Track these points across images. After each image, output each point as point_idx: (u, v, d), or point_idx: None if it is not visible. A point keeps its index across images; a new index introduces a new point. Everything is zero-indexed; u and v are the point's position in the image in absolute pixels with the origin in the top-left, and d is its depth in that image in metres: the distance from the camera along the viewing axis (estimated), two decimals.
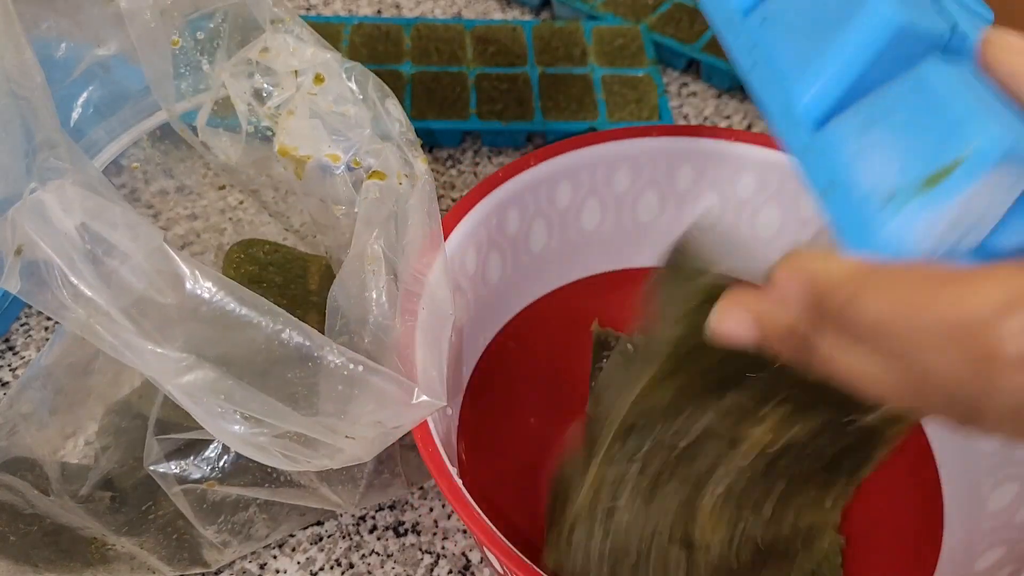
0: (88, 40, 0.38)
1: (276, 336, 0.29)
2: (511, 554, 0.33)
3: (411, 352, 0.35)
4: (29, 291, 0.27)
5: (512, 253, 0.47)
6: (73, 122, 0.41)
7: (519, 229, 0.47)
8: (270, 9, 0.36)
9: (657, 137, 0.48)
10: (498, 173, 0.45)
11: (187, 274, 0.28)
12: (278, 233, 0.50)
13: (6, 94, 0.28)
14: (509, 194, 0.45)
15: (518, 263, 0.48)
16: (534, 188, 0.46)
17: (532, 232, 0.48)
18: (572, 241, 0.50)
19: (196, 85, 0.37)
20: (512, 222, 0.46)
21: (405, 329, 0.35)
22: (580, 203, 0.49)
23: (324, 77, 0.36)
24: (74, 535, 0.39)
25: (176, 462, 0.37)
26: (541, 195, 0.47)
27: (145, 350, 0.28)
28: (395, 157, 0.36)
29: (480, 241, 0.45)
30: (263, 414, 0.30)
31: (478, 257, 0.45)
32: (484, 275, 0.46)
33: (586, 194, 0.48)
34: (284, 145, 0.36)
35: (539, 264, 0.49)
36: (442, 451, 0.35)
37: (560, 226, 0.49)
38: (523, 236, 0.47)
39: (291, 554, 0.44)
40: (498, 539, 0.33)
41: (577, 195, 0.48)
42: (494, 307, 0.47)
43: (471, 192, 0.44)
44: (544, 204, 0.47)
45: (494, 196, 0.45)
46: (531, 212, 0.47)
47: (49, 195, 0.26)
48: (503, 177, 0.45)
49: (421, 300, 0.36)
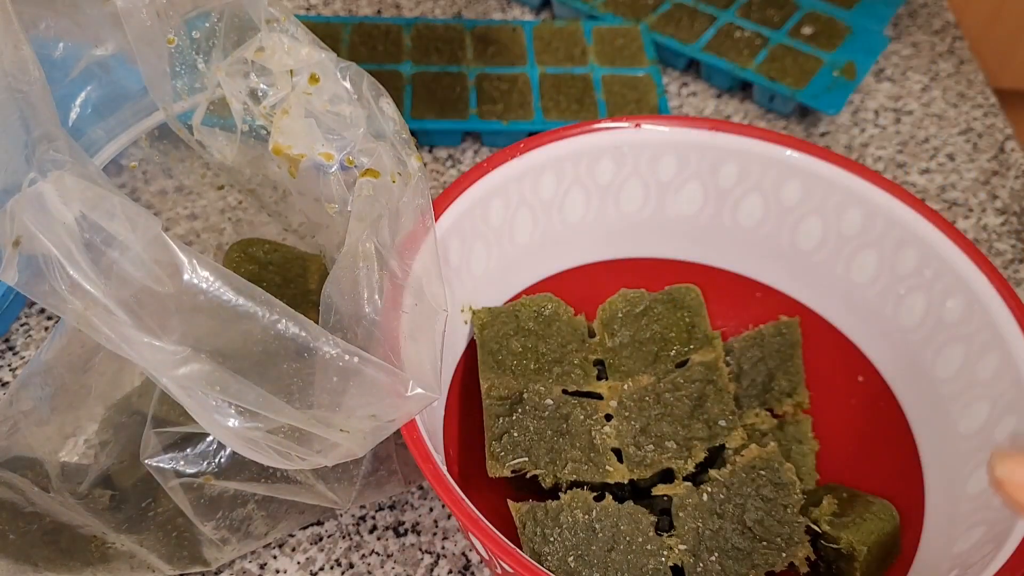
0: (86, 40, 0.39)
1: (272, 327, 0.29)
2: (495, 538, 0.33)
3: (405, 346, 0.35)
4: (27, 283, 0.28)
5: (497, 244, 0.48)
6: (72, 122, 0.42)
7: (503, 220, 0.47)
8: (265, 9, 0.36)
9: (640, 128, 0.48)
10: (482, 163, 0.45)
11: (185, 263, 0.28)
12: (277, 233, 0.50)
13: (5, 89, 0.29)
14: (494, 184, 0.46)
15: (503, 254, 0.48)
16: (519, 179, 0.46)
17: (516, 223, 0.48)
18: (556, 232, 0.50)
19: (192, 84, 0.37)
20: (496, 213, 0.47)
21: (398, 324, 0.35)
22: (564, 194, 0.49)
23: (319, 77, 0.37)
24: (74, 533, 0.39)
25: (173, 456, 0.37)
26: (525, 185, 0.47)
27: (141, 343, 0.28)
28: (389, 156, 0.36)
29: (464, 232, 0.45)
30: (258, 407, 0.30)
31: (463, 248, 0.45)
32: (469, 266, 0.46)
33: (570, 184, 0.48)
34: (278, 144, 0.36)
35: (523, 255, 0.49)
36: (426, 437, 0.36)
37: (544, 217, 0.49)
38: (507, 227, 0.47)
39: (291, 554, 0.45)
40: (482, 523, 0.33)
41: (561, 186, 0.48)
42: (479, 298, 0.47)
43: (455, 183, 0.45)
44: (528, 194, 0.47)
45: (479, 186, 0.45)
46: (515, 203, 0.47)
47: (48, 186, 0.27)
48: (487, 168, 0.45)
49: (414, 295, 0.36)
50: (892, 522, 0.42)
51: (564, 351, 0.46)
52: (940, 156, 0.67)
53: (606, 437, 0.43)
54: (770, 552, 0.40)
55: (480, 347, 0.46)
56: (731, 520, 0.40)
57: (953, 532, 0.39)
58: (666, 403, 0.44)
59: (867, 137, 0.67)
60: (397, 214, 0.35)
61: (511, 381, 0.44)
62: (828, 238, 0.48)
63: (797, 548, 0.40)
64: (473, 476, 0.44)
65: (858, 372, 0.48)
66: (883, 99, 0.71)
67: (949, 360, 0.43)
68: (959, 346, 0.43)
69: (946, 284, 0.43)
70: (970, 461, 0.41)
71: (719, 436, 0.43)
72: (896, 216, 0.45)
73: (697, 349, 0.47)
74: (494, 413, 0.43)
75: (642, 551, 0.39)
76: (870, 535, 0.40)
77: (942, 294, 0.44)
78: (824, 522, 0.41)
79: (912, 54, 0.75)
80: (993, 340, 0.41)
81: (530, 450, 0.42)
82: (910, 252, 0.45)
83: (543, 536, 0.39)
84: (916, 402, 0.45)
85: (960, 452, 0.42)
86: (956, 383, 0.43)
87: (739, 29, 0.71)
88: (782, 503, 0.40)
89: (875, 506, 0.42)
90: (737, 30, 0.71)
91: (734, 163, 0.48)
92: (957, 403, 0.42)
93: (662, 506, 0.42)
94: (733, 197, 0.49)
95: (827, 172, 0.46)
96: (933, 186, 0.64)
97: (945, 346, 0.44)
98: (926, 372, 0.44)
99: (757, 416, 0.46)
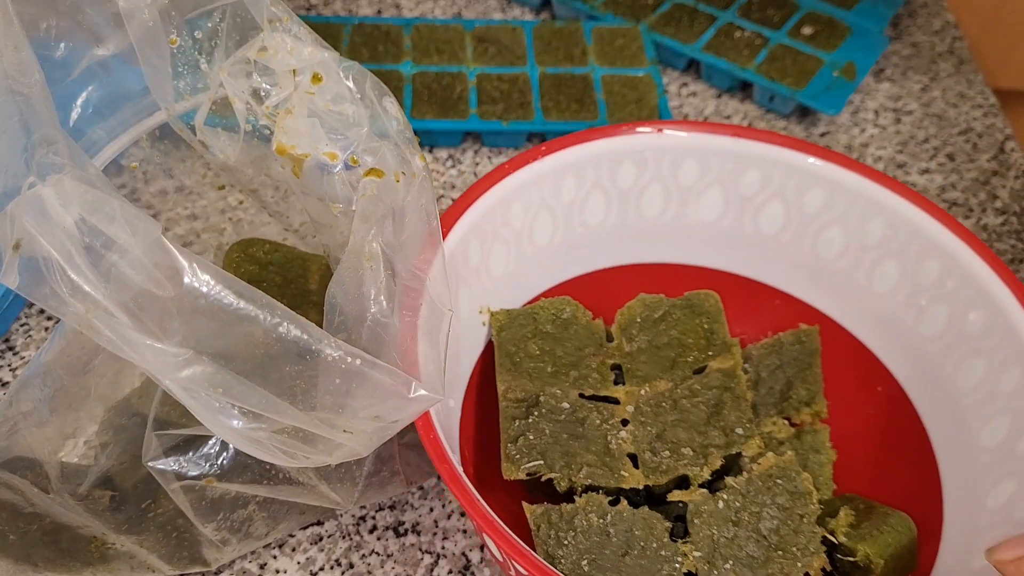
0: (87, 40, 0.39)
1: (274, 329, 0.29)
2: (509, 540, 0.33)
3: (409, 348, 0.35)
4: (27, 286, 0.27)
5: (516, 246, 0.48)
6: (72, 122, 0.42)
7: (523, 222, 0.47)
8: (268, 8, 0.36)
9: (663, 132, 0.48)
10: (504, 165, 0.45)
11: (185, 267, 0.28)
12: (278, 233, 0.50)
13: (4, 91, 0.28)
14: (514, 187, 0.45)
15: (522, 256, 0.48)
16: (539, 181, 0.46)
17: (536, 225, 0.48)
18: (576, 235, 0.50)
19: (194, 84, 0.37)
20: (516, 215, 0.47)
21: (403, 325, 0.35)
22: (584, 197, 0.49)
23: (322, 76, 0.37)
24: (74, 534, 0.39)
25: (175, 458, 0.37)
26: (546, 188, 0.47)
27: (143, 345, 0.28)
28: (392, 155, 0.36)
29: (484, 233, 0.45)
30: (261, 408, 0.30)
31: (482, 249, 0.45)
32: (488, 267, 0.46)
33: (590, 188, 0.48)
34: (282, 144, 0.36)
35: (543, 258, 0.49)
36: (443, 438, 0.36)
37: (564, 220, 0.49)
38: (527, 229, 0.47)
39: (291, 554, 0.45)
40: (497, 524, 0.33)
41: (581, 189, 0.48)
42: (497, 299, 0.47)
43: (476, 184, 0.44)
44: (549, 198, 0.47)
45: (499, 188, 0.45)
46: (535, 205, 0.47)
47: (47, 190, 0.27)
48: (509, 169, 0.45)
49: (419, 296, 0.36)
50: (909, 535, 0.41)
51: (581, 355, 0.46)
52: (940, 156, 0.67)
53: (622, 442, 0.43)
54: (785, 561, 0.39)
55: (497, 348, 0.46)
56: (746, 528, 0.40)
57: (972, 546, 0.39)
58: (683, 409, 0.44)
59: (867, 137, 0.67)
60: (402, 214, 0.35)
61: (527, 384, 0.44)
62: (850, 247, 0.47)
63: (813, 558, 0.39)
64: (487, 478, 0.43)
65: (877, 382, 0.48)
66: (883, 99, 0.71)
67: (970, 372, 0.43)
68: (981, 359, 0.42)
69: (969, 296, 0.43)
70: (990, 475, 0.40)
71: (736, 444, 0.43)
72: (919, 226, 0.44)
73: (715, 355, 0.47)
74: (510, 415, 0.43)
75: (656, 557, 0.39)
76: (887, 547, 0.40)
77: (964, 306, 0.43)
78: (841, 533, 0.41)
79: (912, 54, 0.75)
80: (1016, 354, 0.41)
81: (545, 453, 0.42)
82: (933, 263, 0.44)
83: (557, 539, 0.39)
84: (936, 414, 0.45)
85: (980, 465, 0.41)
86: (977, 395, 0.42)
87: (739, 29, 0.71)
88: (798, 512, 0.40)
89: (892, 518, 0.41)
90: (737, 30, 0.71)
91: (756, 170, 0.48)
92: (978, 416, 0.42)
93: (677, 512, 0.42)
94: (754, 204, 0.49)
95: (850, 181, 0.46)
96: (933, 186, 0.65)
97: (966, 358, 0.43)
98: (946, 384, 0.44)
99: (774, 424, 0.46)
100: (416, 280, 0.36)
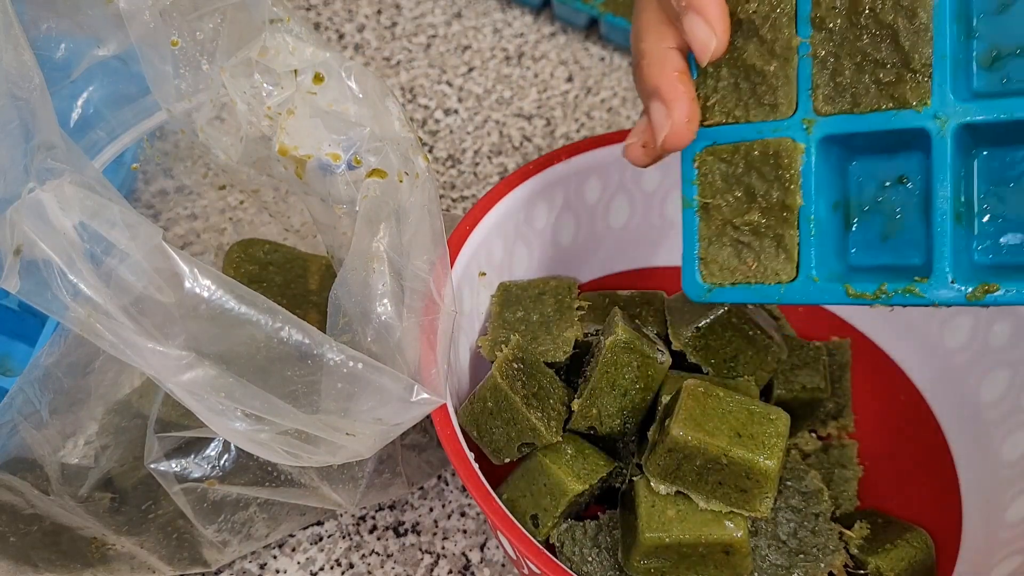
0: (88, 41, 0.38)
1: (276, 334, 0.29)
2: (525, 539, 0.33)
3: (413, 350, 0.35)
4: (29, 291, 0.27)
5: (539, 246, 0.48)
6: (73, 122, 0.41)
7: (547, 223, 0.47)
8: (269, 9, 0.35)
9: None
10: (528, 166, 0.45)
11: (186, 272, 0.28)
12: (278, 233, 0.50)
13: (5, 95, 0.28)
14: (538, 188, 0.45)
15: (544, 256, 0.48)
16: (563, 182, 0.46)
17: (559, 226, 0.48)
18: (600, 237, 0.50)
19: (196, 85, 0.36)
20: (540, 216, 0.47)
21: (407, 327, 0.35)
22: (609, 199, 0.48)
23: (323, 76, 0.36)
24: (74, 535, 0.39)
25: (176, 460, 0.37)
26: (570, 190, 0.47)
27: (145, 348, 0.28)
28: (395, 155, 0.36)
29: (507, 233, 0.45)
30: (264, 411, 0.30)
31: (504, 249, 0.45)
32: (510, 267, 0.46)
33: (615, 190, 0.48)
34: (284, 145, 0.36)
35: (565, 259, 0.49)
36: (459, 435, 0.36)
37: (588, 221, 0.49)
38: (550, 230, 0.47)
39: (291, 554, 0.44)
40: (512, 523, 0.34)
41: (606, 191, 0.48)
42: None
43: (500, 184, 0.45)
44: (573, 198, 0.47)
45: (523, 189, 0.45)
46: (559, 206, 0.47)
47: (47, 195, 0.27)
48: (533, 170, 0.45)
49: (423, 298, 0.36)
50: (925, 550, 0.41)
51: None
52: None
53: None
54: (808, 564, 0.39)
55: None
56: (766, 537, 0.39)
57: (990, 560, 0.39)
58: None
59: None
60: (405, 214, 0.35)
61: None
62: None
63: (834, 556, 0.39)
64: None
65: (899, 392, 0.47)
66: None
67: (994, 384, 0.43)
68: (1004, 371, 0.42)
69: (994, 307, 0.43)
70: (1011, 489, 0.40)
71: None
72: None
73: None
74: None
75: None
76: (900, 562, 0.40)
77: (989, 317, 0.43)
78: (854, 546, 0.41)
79: None
80: None
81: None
82: None
83: (582, 556, 0.39)
84: (957, 426, 0.45)
85: (1001, 479, 0.41)
86: (1000, 408, 0.42)
87: None
88: (812, 512, 0.40)
89: (909, 533, 0.41)
90: None
91: None
92: (1000, 429, 0.42)
93: None
94: None
95: None
96: None
97: (991, 370, 0.43)
98: (970, 395, 0.44)
99: (801, 437, 0.45)
100: (420, 282, 0.36)
